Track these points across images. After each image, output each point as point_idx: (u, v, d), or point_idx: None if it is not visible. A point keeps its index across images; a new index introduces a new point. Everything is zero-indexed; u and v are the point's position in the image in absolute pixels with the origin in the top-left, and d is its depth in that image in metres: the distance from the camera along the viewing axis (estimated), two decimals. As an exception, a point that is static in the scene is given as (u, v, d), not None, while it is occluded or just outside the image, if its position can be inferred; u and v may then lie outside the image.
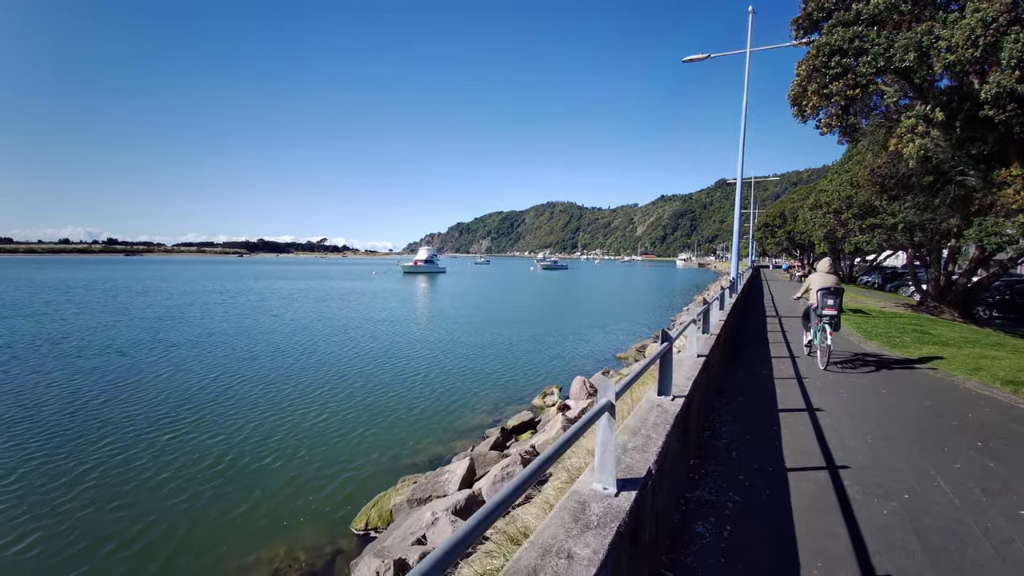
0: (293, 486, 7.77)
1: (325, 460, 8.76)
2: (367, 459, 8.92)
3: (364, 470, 8.46)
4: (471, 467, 7.63)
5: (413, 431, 10.44)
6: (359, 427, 10.39)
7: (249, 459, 8.65)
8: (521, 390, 13.76)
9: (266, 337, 19.85)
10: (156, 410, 10.86)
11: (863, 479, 4.06)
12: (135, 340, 18.69)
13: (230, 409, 11.11)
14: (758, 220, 57.73)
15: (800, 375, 7.73)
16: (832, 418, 5.66)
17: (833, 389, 6.97)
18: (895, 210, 16.22)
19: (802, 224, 31.39)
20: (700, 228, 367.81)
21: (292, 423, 10.41)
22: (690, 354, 5.45)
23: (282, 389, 12.75)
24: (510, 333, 22.21)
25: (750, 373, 7.76)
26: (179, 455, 8.66)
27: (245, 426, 10.12)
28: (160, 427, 9.88)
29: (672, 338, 3.89)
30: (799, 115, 8.66)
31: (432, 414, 11.45)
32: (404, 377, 14.37)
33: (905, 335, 11.93)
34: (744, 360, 8.79)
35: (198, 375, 13.86)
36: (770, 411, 5.88)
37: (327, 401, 11.91)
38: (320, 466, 8.50)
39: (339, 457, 8.93)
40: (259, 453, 8.88)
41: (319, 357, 16.52)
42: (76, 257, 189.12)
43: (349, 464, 8.63)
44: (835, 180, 19.15)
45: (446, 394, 12.97)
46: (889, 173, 12.42)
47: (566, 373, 15.38)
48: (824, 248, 22.29)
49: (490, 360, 16.89)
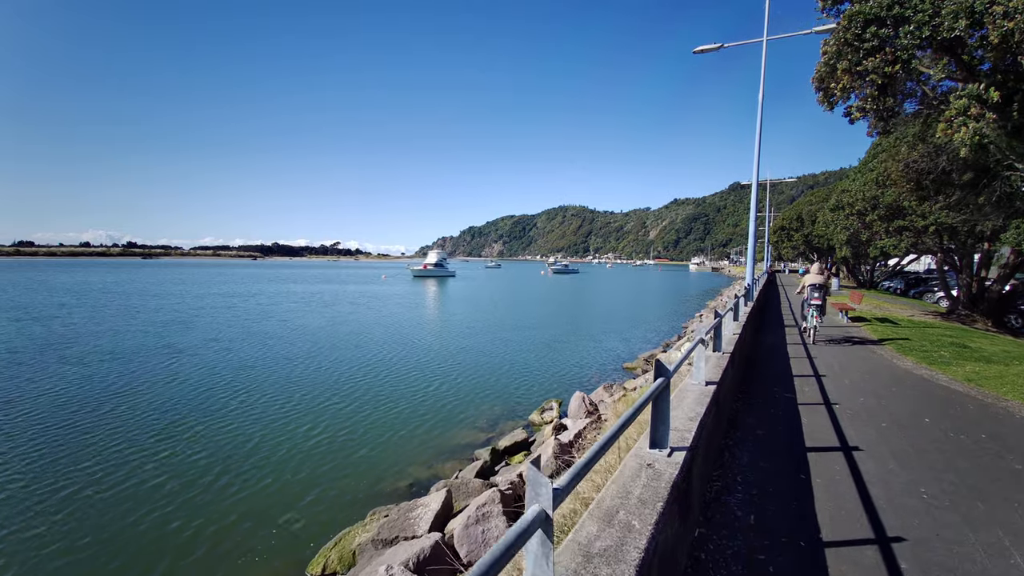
0: (258, 515, 6.93)
1: (298, 484, 7.92)
2: (344, 483, 8.06)
3: (339, 497, 7.60)
4: (447, 501, 6.70)
5: (400, 450, 9.57)
6: (342, 445, 9.55)
7: (218, 480, 7.84)
8: (519, 404, 12.83)
9: (264, 346, 19.16)
10: (122, 425, 10.12)
11: (925, 562, 3.05)
12: (124, 347, 18.14)
13: (204, 424, 10.33)
14: (774, 223, 56.10)
15: (829, 400, 6.67)
16: (874, 461, 4.63)
17: (869, 418, 5.91)
18: (925, 211, 14.98)
19: (822, 227, 29.95)
20: (714, 232, 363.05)
21: (271, 441, 9.60)
22: (696, 382, 4.47)
23: (268, 401, 11.96)
24: (513, 340, 21.27)
25: (769, 397, 6.73)
26: (130, 475, 7.86)
27: (220, 444, 9.31)
28: (108, 445, 9.11)
29: (669, 372, 2.93)
30: (825, 101, 7.58)
31: (423, 430, 10.58)
32: (398, 389, 13.52)
33: (943, 350, 10.74)
34: (761, 379, 7.76)
35: (182, 388, 13.14)
36: (796, 450, 4.86)
37: (312, 416, 11.09)
38: (292, 491, 7.66)
39: (315, 480, 8.09)
40: (228, 474, 8.06)
41: (311, 366, 15.73)
42: (94, 260, 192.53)
43: (324, 490, 7.77)
44: (859, 180, 17.87)
45: (440, 408, 12.09)
46: (926, 168, 11.20)
47: (568, 385, 14.41)
48: (846, 252, 20.96)
49: (490, 370, 15.97)
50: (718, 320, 5.75)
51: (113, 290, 43.62)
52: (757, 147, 12.36)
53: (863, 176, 17.44)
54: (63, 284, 50.38)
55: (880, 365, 9.07)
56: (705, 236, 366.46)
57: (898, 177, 12.55)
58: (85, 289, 44.24)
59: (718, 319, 5.77)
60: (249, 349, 18.19)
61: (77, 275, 68.96)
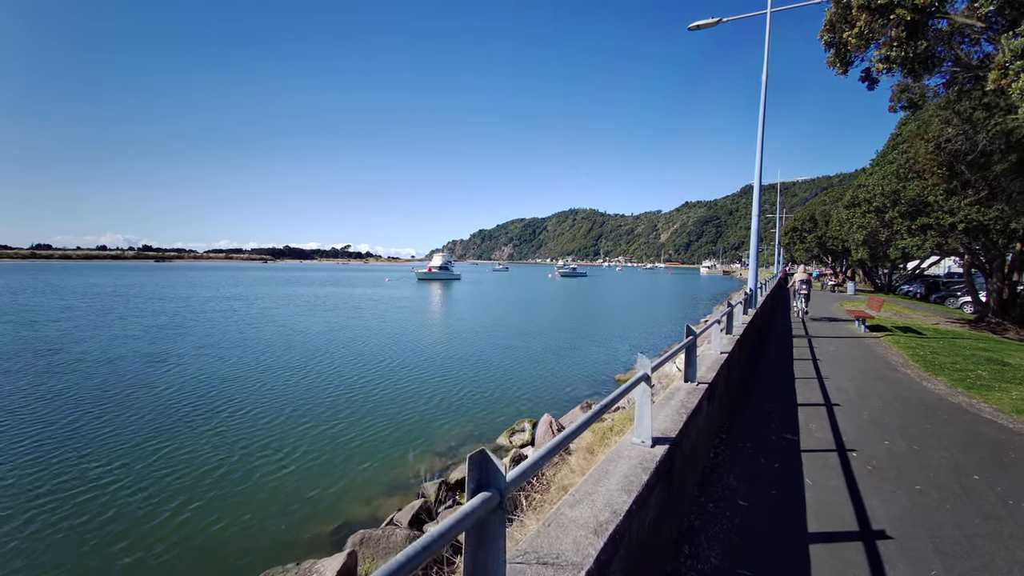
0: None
1: (201, 527, 6.56)
2: (244, 529, 6.65)
3: (231, 546, 6.20)
4: (348, 567, 5.25)
5: (335, 481, 8.19)
6: (280, 473, 8.20)
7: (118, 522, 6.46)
8: (492, 423, 11.39)
9: (236, 356, 17.93)
10: (84, 438, 8.83)
11: None
12: (113, 353, 17.10)
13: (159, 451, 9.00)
14: (786, 224, 54.00)
15: (843, 443, 5.10)
16: (910, 561, 3.09)
17: (898, 476, 4.34)
18: (953, 207, 13.23)
19: (836, 226, 28.01)
20: (726, 235, 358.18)
21: (204, 467, 8.26)
22: (639, 440, 2.98)
23: (216, 422, 10.61)
24: (503, 348, 19.79)
25: (761, 440, 5.18)
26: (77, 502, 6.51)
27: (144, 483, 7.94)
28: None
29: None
30: (837, 61, 5.98)
31: (372, 457, 9.18)
32: (365, 404, 12.13)
33: (980, 368, 9.05)
34: (754, 410, 6.21)
35: (144, 402, 11.86)
36: (793, 540, 3.34)
37: (258, 437, 9.73)
38: (190, 541, 6.27)
39: (228, 520, 6.71)
40: (137, 511, 6.69)
41: (285, 380, 14.35)
42: (108, 263, 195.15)
43: (227, 538, 6.38)
44: (877, 173, 16.08)
45: (400, 428, 10.68)
46: (961, 149, 9.48)
47: (550, 401, 12.94)
48: (863, 254, 19.13)
49: (468, 382, 14.51)
50: (689, 341, 4.24)
51: (121, 293, 43.12)
52: (761, 120, 10.80)
53: (882, 169, 15.66)
54: (72, 287, 50.24)
55: (906, 389, 7.45)
56: (717, 239, 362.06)
57: (927, 162, 10.82)
58: (93, 292, 43.98)
59: (690, 339, 4.26)
60: (218, 360, 16.94)
61: (89, 278, 69.18)
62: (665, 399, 3.93)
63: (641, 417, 2.92)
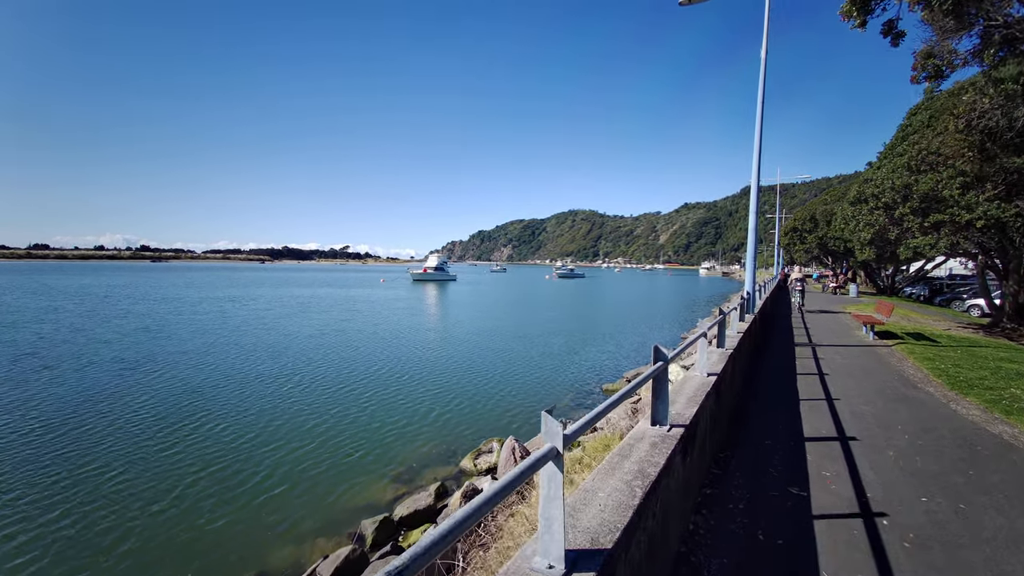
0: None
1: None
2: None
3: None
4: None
5: (265, 517, 7.02)
6: (209, 506, 7.00)
7: None
8: (460, 441, 10.19)
9: (209, 363, 16.69)
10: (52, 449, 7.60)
11: None
12: (89, 359, 15.98)
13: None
14: (785, 225, 52.81)
15: (869, 503, 3.87)
16: None
17: (948, 557, 3.13)
18: (971, 202, 12.01)
19: (840, 225, 26.72)
20: (725, 236, 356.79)
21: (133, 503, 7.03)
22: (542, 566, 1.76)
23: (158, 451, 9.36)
24: (487, 354, 18.53)
25: (757, 497, 3.96)
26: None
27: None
28: None
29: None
30: (853, 10, 4.74)
31: (317, 485, 8.02)
32: (324, 421, 10.92)
33: (1012, 385, 7.81)
34: (751, 443, 4.99)
35: (109, 411, 10.64)
36: None
37: (194, 464, 8.51)
38: None
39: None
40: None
41: (258, 393, 13.14)
42: (104, 263, 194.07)
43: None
44: (886, 166, 14.82)
45: (355, 449, 9.48)
46: (996, 125, 8.23)
47: (528, 415, 11.73)
48: (870, 254, 17.87)
49: (444, 393, 13.27)
50: (658, 368, 3.02)
51: (111, 295, 41.93)
52: (760, 100, 9.60)
53: (890, 162, 14.42)
54: (63, 287, 49.38)
55: (934, 415, 6.21)
56: (716, 240, 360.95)
57: (956, 143, 9.59)
58: (84, 293, 43.06)
59: (659, 366, 3.04)
60: (178, 371, 15.67)
61: (82, 279, 68.22)
62: (618, 458, 2.70)
63: (549, 524, 1.69)
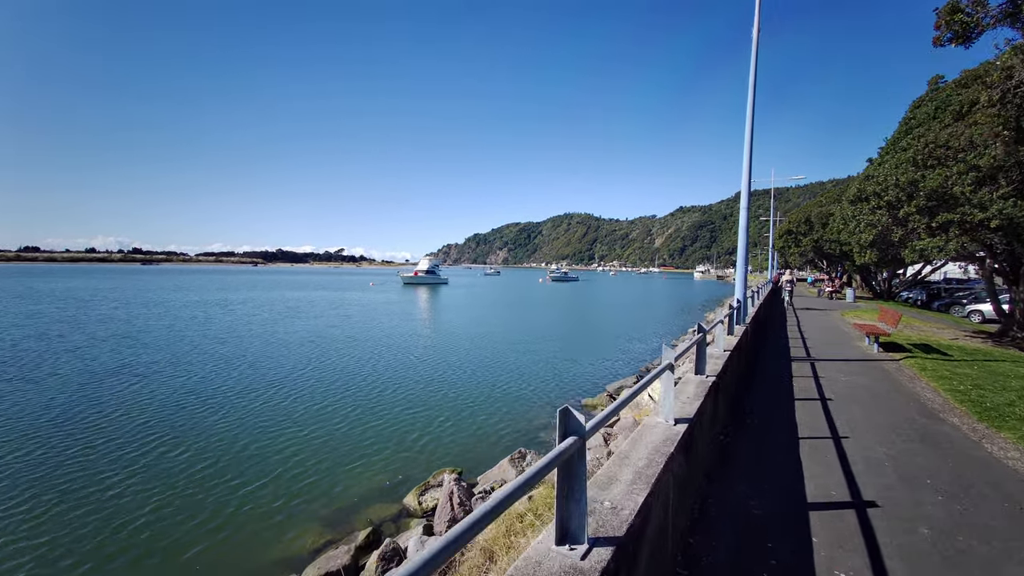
0: None
1: None
2: None
3: None
4: None
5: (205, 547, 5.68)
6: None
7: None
8: (413, 467, 8.90)
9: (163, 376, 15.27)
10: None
11: None
12: (64, 369, 14.46)
13: None
14: (780, 227, 51.81)
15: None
16: None
17: None
18: (984, 200, 10.85)
19: (839, 225, 25.56)
20: (720, 240, 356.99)
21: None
22: None
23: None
24: (463, 365, 17.17)
25: None
26: None
27: None
28: None
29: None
30: None
31: (235, 522, 6.67)
32: (272, 443, 9.57)
33: (1047, 410, 6.60)
34: (737, 504, 3.71)
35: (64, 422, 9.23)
36: None
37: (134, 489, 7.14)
38: None
39: None
40: None
41: (228, 409, 11.76)
42: (94, 266, 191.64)
43: None
44: (889, 162, 13.63)
45: (303, 476, 8.21)
46: None
47: (495, 436, 10.46)
48: (870, 257, 16.69)
49: (414, 408, 11.98)
50: (573, 444, 1.77)
51: (93, 299, 40.49)
52: (752, 90, 8.38)
53: (894, 157, 13.26)
54: (49, 291, 47.97)
55: (968, 461, 4.91)
56: (711, 244, 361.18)
57: (987, 118, 8.41)
58: (68, 297, 41.74)
59: (572, 441, 1.79)
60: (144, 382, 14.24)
61: (69, 281, 66.65)
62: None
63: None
